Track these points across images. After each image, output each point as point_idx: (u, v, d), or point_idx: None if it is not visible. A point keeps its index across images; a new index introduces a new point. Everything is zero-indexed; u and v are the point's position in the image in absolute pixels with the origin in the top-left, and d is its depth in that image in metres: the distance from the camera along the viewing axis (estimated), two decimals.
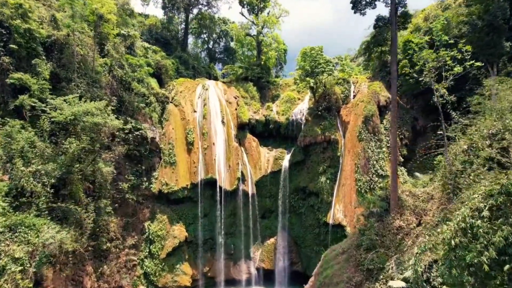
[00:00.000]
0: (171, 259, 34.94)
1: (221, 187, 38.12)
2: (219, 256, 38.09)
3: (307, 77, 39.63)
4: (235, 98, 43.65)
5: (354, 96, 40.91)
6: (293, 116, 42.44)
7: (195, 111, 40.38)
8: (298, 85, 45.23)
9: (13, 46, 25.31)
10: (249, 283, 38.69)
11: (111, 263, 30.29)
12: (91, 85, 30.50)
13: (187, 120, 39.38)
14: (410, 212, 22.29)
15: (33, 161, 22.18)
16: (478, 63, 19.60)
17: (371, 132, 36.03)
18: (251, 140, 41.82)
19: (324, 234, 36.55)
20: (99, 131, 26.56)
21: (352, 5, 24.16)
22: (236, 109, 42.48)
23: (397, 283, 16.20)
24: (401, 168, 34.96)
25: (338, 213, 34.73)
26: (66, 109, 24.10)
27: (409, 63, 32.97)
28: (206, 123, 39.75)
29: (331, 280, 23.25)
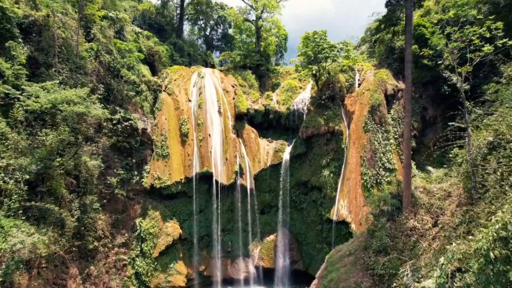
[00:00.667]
0: (164, 258, 32.87)
1: (217, 181, 35.88)
2: (216, 254, 35.98)
3: (309, 64, 37.14)
4: (233, 86, 41.09)
5: (359, 84, 38.28)
6: (294, 105, 39.93)
7: (189, 100, 37.88)
8: (299, 73, 42.83)
9: None
10: (247, 282, 36.58)
11: (99, 263, 28.27)
12: (75, 71, 27.99)
13: (181, 110, 36.88)
14: (424, 211, 20.19)
15: (4, 155, 19.83)
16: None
17: (378, 122, 33.76)
18: (250, 131, 39.36)
19: (327, 231, 34.43)
20: (82, 122, 24.33)
21: None
22: (233, 99, 39.95)
23: None
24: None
25: (342, 209, 32.56)
26: (42, 96, 21.70)
27: (418, 49, 30.59)
28: (201, 113, 37.28)
29: (337, 284, 21.31)
